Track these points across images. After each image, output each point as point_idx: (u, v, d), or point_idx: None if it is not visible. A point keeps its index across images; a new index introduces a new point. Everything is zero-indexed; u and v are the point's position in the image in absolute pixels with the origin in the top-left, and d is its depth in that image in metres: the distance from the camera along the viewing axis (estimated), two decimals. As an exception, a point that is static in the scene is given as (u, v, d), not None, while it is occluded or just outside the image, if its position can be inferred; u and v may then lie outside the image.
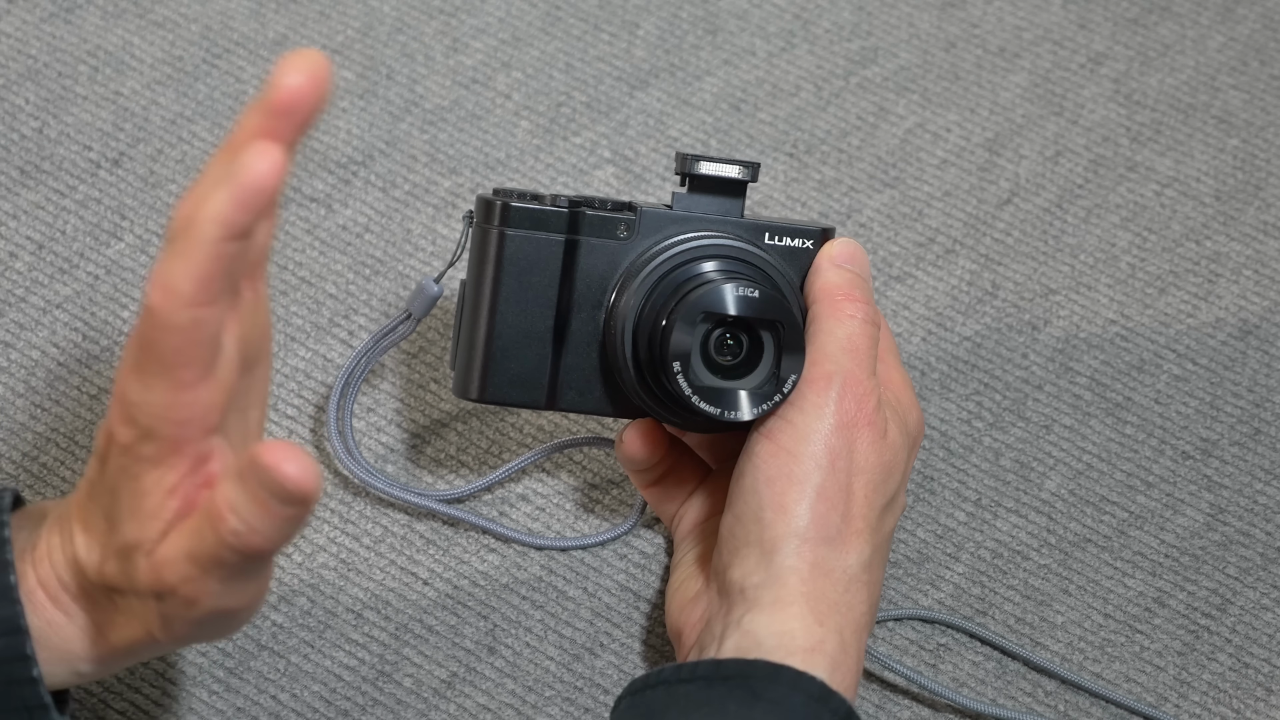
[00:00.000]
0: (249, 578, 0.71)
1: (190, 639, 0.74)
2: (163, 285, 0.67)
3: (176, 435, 0.69)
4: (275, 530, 0.68)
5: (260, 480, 0.66)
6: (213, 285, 0.67)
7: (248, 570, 0.70)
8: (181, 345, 0.67)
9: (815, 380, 0.82)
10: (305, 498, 0.66)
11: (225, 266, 0.67)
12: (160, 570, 0.70)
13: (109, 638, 0.74)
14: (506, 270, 0.85)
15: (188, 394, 0.68)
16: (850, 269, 0.85)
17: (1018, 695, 0.92)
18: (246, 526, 0.67)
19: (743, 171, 0.86)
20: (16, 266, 0.99)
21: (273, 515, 0.67)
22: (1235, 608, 0.95)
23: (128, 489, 0.70)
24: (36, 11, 1.07)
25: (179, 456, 0.69)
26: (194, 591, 0.70)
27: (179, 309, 0.67)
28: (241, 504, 0.67)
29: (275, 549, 0.69)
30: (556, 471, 0.96)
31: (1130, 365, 1.02)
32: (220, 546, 0.68)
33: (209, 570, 0.69)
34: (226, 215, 0.66)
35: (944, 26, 1.13)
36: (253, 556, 0.69)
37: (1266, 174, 1.09)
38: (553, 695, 0.90)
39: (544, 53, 1.09)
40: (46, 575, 0.74)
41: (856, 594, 0.82)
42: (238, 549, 0.68)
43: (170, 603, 0.71)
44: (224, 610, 0.71)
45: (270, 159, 0.66)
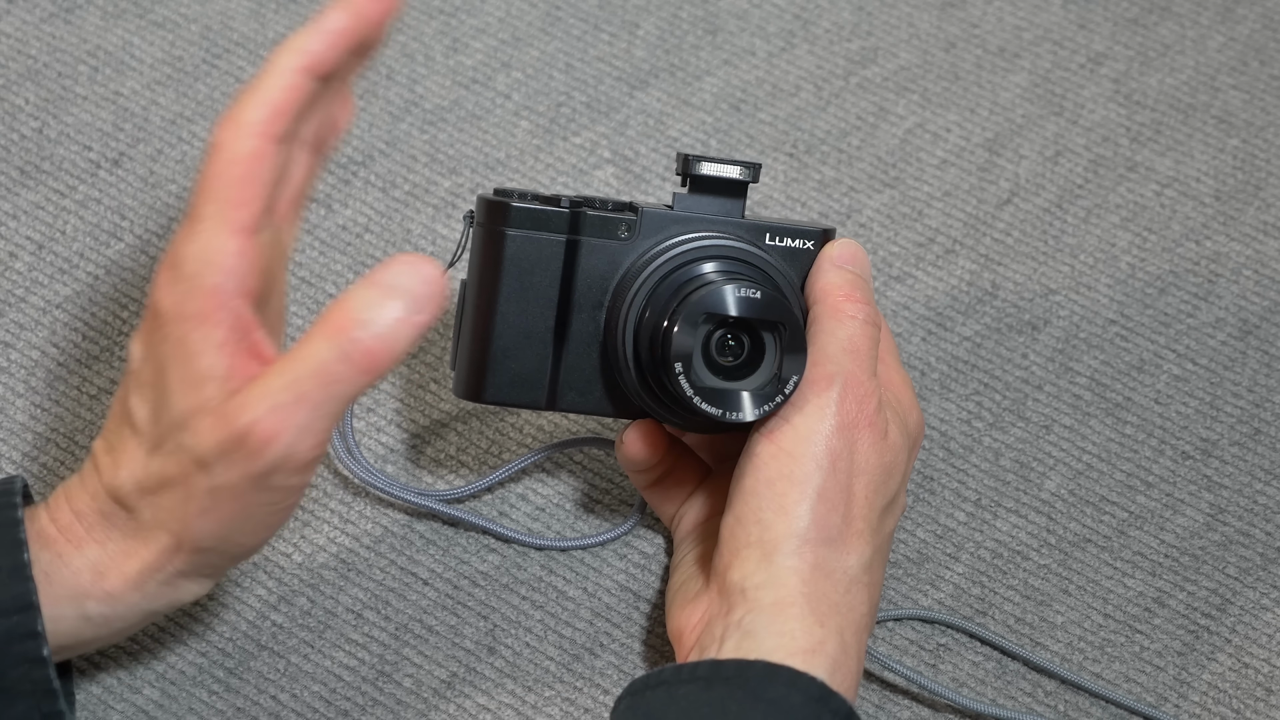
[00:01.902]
0: (336, 408, 0.72)
1: (212, 550, 0.76)
2: (232, 120, 0.72)
3: (219, 285, 0.72)
4: (402, 340, 0.71)
5: (397, 281, 0.71)
6: (277, 120, 0.72)
7: (344, 396, 0.72)
8: (240, 177, 0.71)
9: (816, 381, 0.82)
10: (432, 303, 0.71)
11: (293, 104, 0.72)
12: (236, 414, 0.72)
13: (122, 566, 0.76)
14: (507, 270, 0.85)
15: (236, 240, 0.72)
16: (851, 270, 0.85)
17: (1018, 695, 0.92)
18: (373, 334, 0.71)
19: (744, 172, 0.86)
20: (16, 266, 0.99)
21: (400, 321, 0.71)
22: (1235, 608, 0.95)
23: (177, 356, 0.73)
24: (36, 11, 1.07)
25: (223, 311, 0.72)
26: (275, 426, 0.72)
27: (245, 136, 0.72)
28: (372, 312, 0.71)
29: (390, 365, 0.72)
30: (556, 471, 0.96)
31: (1130, 365, 1.02)
32: (333, 361, 0.71)
33: (308, 394, 0.71)
34: (309, 45, 0.72)
35: (944, 26, 1.13)
36: (368, 368, 0.71)
37: (1266, 174, 1.09)
38: (553, 695, 0.90)
39: (544, 53, 1.09)
40: (60, 512, 0.77)
41: (857, 595, 0.82)
42: (356, 359, 0.71)
43: (233, 460, 0.73)
44: (290, 458, 0.73)
45: (358, 7, 0.73)
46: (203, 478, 0.74)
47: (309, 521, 0.93)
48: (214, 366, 0.73)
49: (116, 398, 0.78)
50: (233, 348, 0.73)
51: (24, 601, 0.75)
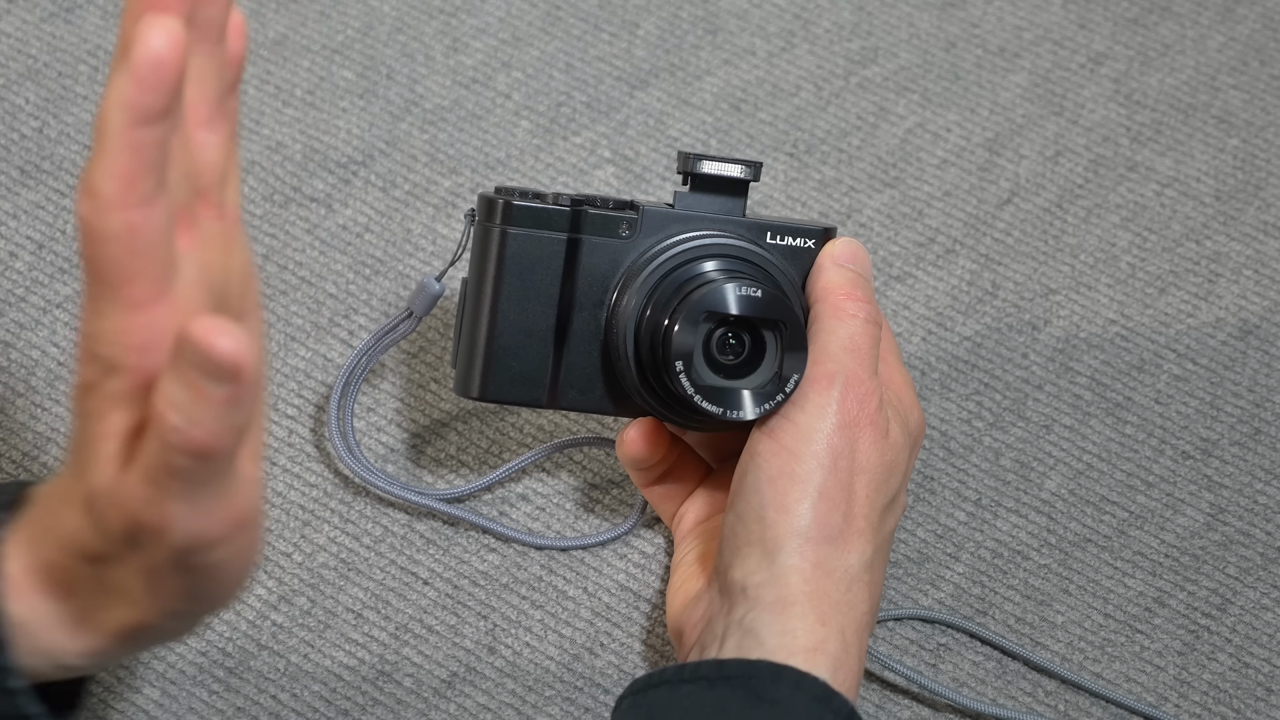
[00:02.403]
0: (212, 490, 0.66)
1: (183, 610, 0.70)
2: (86, 192, 0.63)
3: (137, 364, 0.65)
4: (214, 419, 0.63)
5: (190, 360, 0.62)
6: (136, 183, 0.63)
7: (207, 480, 0.65)
8: (120, 256, 0.63)
9: (817, 380, 0.82)
10: (237, 373, 0.61)
11: (146, 160, 0.63)
12: (123, 507, 0.66)
13: (97, 622, 0.71)
14: (508, 269, 0.85)
15: (141, 315, 0.64)
16: (852, 268, 0.85)
17: (1018, 695, 0.92)
18: (185, 419, 0.62)
19: (745, 171, 0.86)
20: (16, 266, 0.99)
21: (208, 400, 0.62)
22: (1235, 608, 0.95)
23: (93, 433, 0.66)
24: (36, 11, 1.07)
25: (144, 389, 0.65)
26: (158, 516, 0.65)
27: (106, 213, 0.62)
28: (176, 394, 0.62)
29: (221, 446, 0.64)
30: (556, 471, 0.96)
31: (1130, 365, 1.02)
32: (166, 451, 0.64)
33: (164, 485, 0.65)
34: (129, 97, 0.62)
35: (944, 26, 1.13)
36: (200, 455, 0.64)
37: (1266, 174, 1.09)
38: (553, 695, 0.90)
39: (544, 53, 1.09)
40: (30, 561, 0.71)
41: (858, 594, 0.81)
42: (182, 448, 0.63)
43: (145, 546, 0.67)
44: (198, 539, 0.66)
45: (163, 29, 0.61)
46: (132, 559, 0.68)
47: (309, 521, 0.93)
48: (124, 450, 0.66)
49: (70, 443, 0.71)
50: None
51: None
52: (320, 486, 0.95)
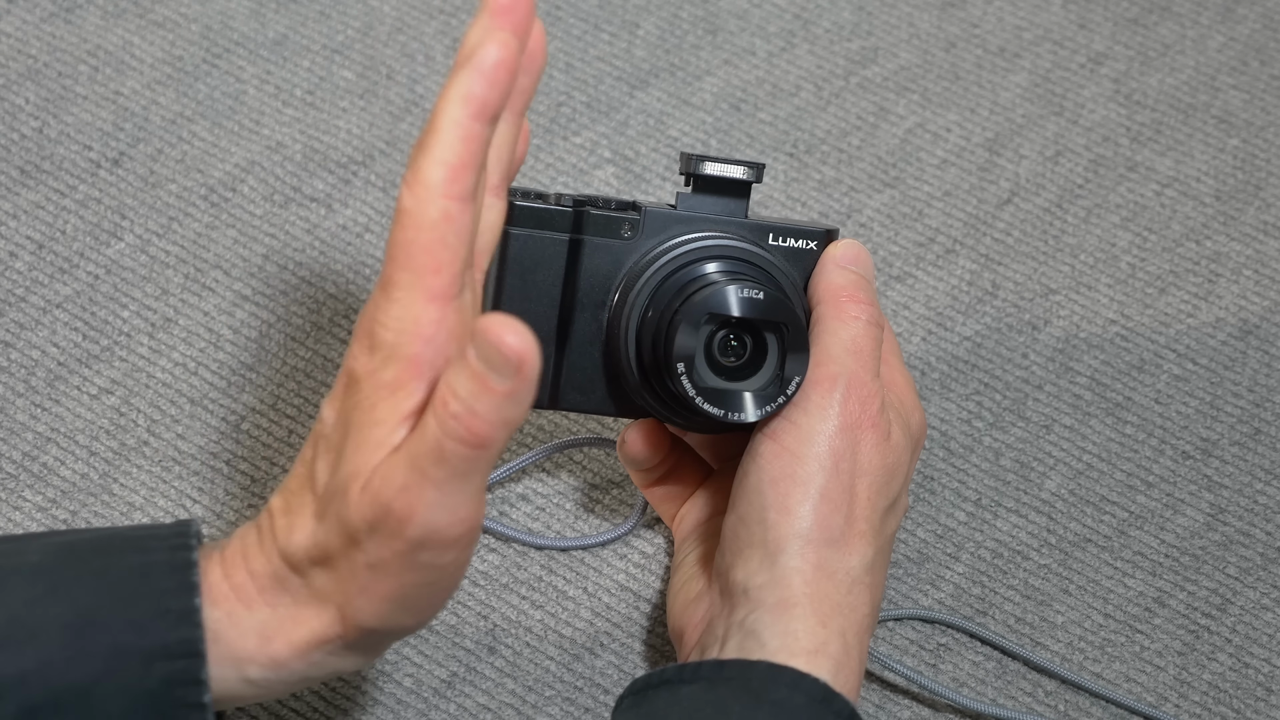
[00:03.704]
0: (464, 487, 0.70)
1: (382, 622, 0.73)
2: (414, 179, 0.69)
3: (417, 355, 0.70)
4: (495, 411, 0.68)
5: (480, 353, 0.67)
6: (461, 175, 0.69)
7: (468, 473, 0.69)
8: (432, 245, 0.69)
9: (819, 381, 0.82)
10: (522, 366, 0.67)
11: (473, 155, 0.69)
12: (376, 491, 0.70)
13: (290, 634, 0.73)
14: (510, 269, 0.85)
15: (432, 307, 0.70)
16: (854, 270, 0.85)
17: (1018, 695, 0.92)
18: (466, 408, 0.68)
19: (747, 172, 0.86)
20: (16, 266, 0.99)
21: (492, 392, 0.67)
22: (1235, 608, 0.95)
23: (361, 421, 0.71)
24: (36, 11, 1.07)
25: (418, 381, 0.70)
26: (408, 504, 0.69)
27: (430, 200, 0.69)
28: (461, 384, 0.68)
29: (494, 438, 0.68)
30: (556, 471, 0.96)
31: (1130, 365, 1.02)
32: (442, 437, 0.68)
33: (427, 472, 0.69)
34: (472, 90, 0.69)
35: (944, 26, 1.13)
36: (475, 444, 0.68)
37: (1266, 174, 1.09)
38: (553, 695, 0.90)
39: (544, 53, 1.09)
40: (234, 569, 0.74)
41: (859, 595, 0.82)
42: (460, 435, 0.68)
43: (380, 536, 0.70)
44: (437, 534, 0.70)
45: (506, 39, 0.69)
46: (358, 553, 0.71)
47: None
48: (389, 438, 0.70)
49: (301, 458, 0.74)
50: (417, 420, 0.71)
51: (192, 648, 0.72)
52: (320, 486, 0.95)
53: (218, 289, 1.00)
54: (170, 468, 0.94)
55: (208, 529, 0.93)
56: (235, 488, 0.94)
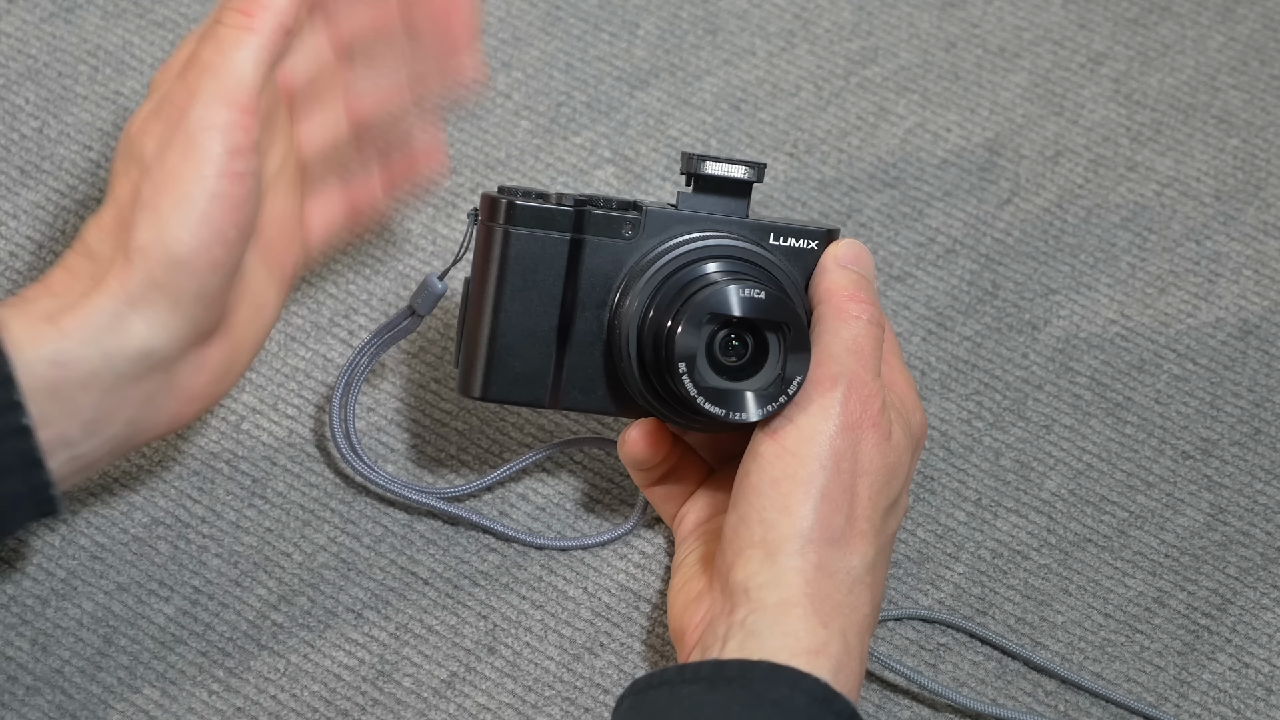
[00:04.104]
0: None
1: (153, 252, 0.78)
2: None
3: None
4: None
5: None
6: None
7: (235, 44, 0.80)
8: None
9: (820, 381, 0.82)
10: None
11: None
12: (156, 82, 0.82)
13: (74, 304, 0.78)
14: (511, 268, 0.85)
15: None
16: (855, 270, 0.85)
17: (1018, 695, 0.92)
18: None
19: (749, 172, 0.86)
20: (16, 266, 0.99)
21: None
22: (1235, 608, 0.95)
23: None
24: (36, 11, 1.07)
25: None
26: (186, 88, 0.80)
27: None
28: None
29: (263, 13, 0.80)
30: (557, 471, 0.96)
31: (1130, 365, 1.02)
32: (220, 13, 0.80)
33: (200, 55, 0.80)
34: None
35: (944, 26, 1.13)
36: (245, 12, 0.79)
37: (1266, 174, 1.09)
38: (553, 695, 0.90)
39: (544, 53, 1.09)
40: (27, 290, 0.80)
41: (860, 595, 0.82)
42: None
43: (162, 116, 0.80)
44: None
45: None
46: (144, 177, 0.79)
47: (309, 521, 0.93)
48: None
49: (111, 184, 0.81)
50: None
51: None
52: (320, 486, 0.95)
53: (218, 289, 1.00)
54: (170, 467, 0.94)
55: (208, 528, 0.93)
56: (236, 487, 0.94)
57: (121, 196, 0.80)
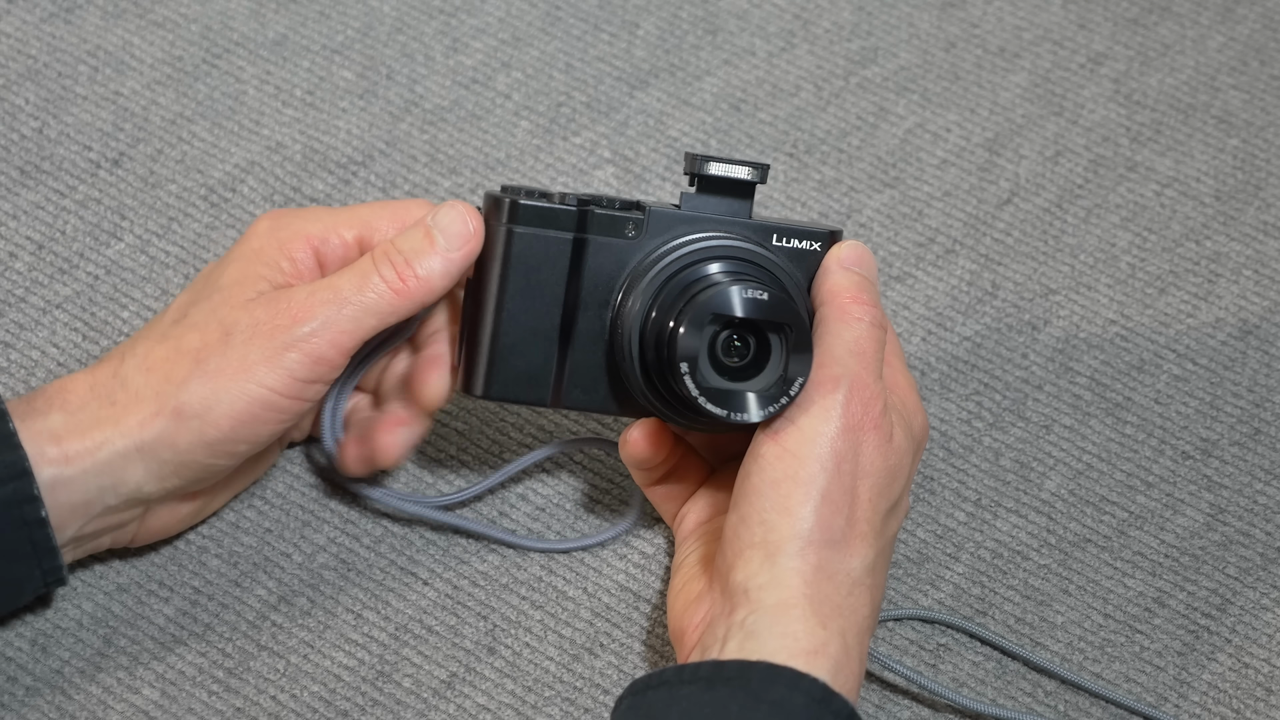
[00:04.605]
0: (357, 326, 0.84)
1: (195, 416, 0.82)
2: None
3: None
4: (427, 267, 0.85)
5: (439, 218, 0.85)
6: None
7: (369, 313, 0.84)
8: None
9: (822, 383, 0.82)
10: (469, 242, 0.85)
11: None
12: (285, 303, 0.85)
13: (85, 431, 0.82)
14: (514, 267, 0.85)
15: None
16: (858, 272, 0.85)
17: (1018, 695, 0.92)
18: (404, 259, 0.85)
19: (752, 173, 0.86)
20: (16, 266, 0.99)
21: (434, 250, 0.85)
22: (1235, 608, 0.95)
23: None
24: (36, 11, 1.07)
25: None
26: (309, 308, 0.84)
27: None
28: (409, 240, 0.85)
29: (414, 294, 0.85)
30: (556, 471, 0.96)
31: (1130, 365, 1.02)
32: (373, 271, 0.85)
33: (346, 296, 0.84)
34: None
35: (944, 26, 1.13)
36: (397, 291, 0.85)
37: (1266, 174, 1.09)
38: (553, 695, 0.90)
39: (544, 53, 1.09)
40: (44, 390, 0.84)
41: (860, 597, 0.81)
42: (388, 279, 0.84)
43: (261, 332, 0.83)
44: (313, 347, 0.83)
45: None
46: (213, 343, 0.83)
47: (309, 521, 0.93)
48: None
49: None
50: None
51: (18, 469, 0.80)
52: (320, 487, 0.95)
53: (218, 289, 1.00)
54: (170, 468, 0.94)
55: (207, 528, 0.93)
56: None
57: (186, 345, 0.83)
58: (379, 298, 0.84)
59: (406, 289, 0.84)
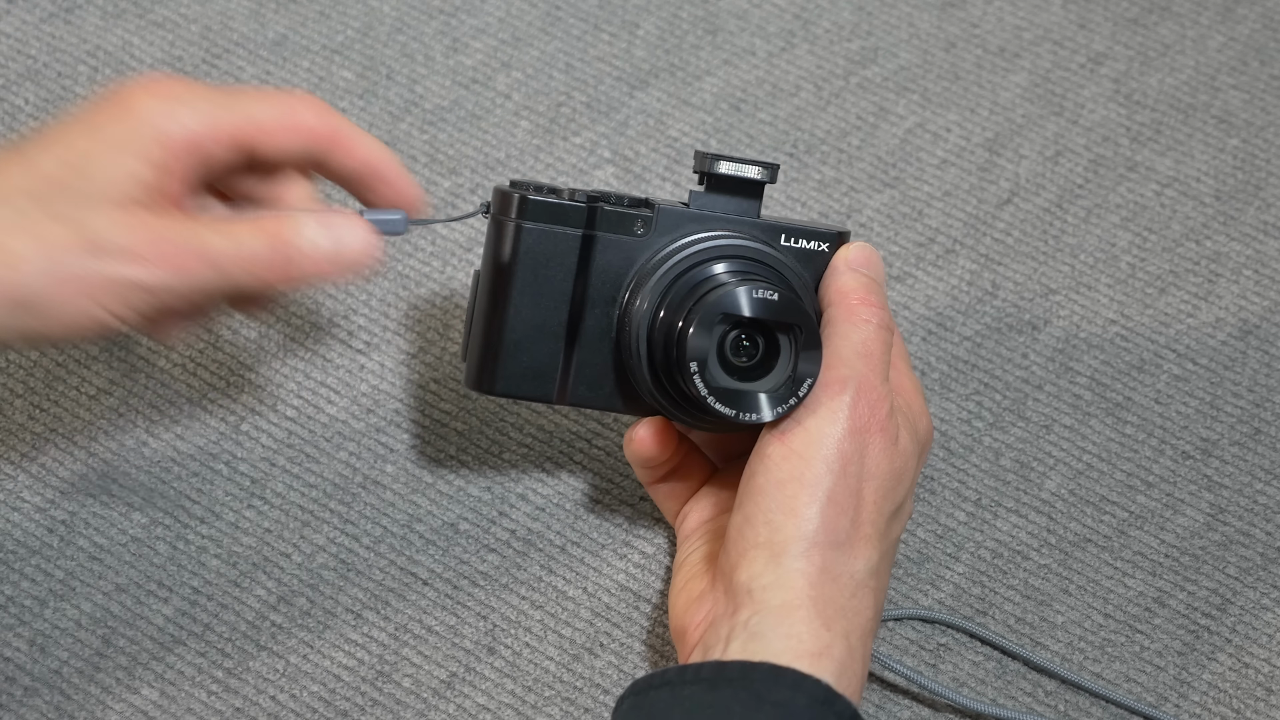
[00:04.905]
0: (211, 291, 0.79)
1: None
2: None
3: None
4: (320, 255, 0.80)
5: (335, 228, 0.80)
6: None
7: (234, 283, 0.79)
8: None
9: (829, 384, 0.82)
10: (366, 255, 0.81)
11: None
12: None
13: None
14: (522, 263, 0.85)
15: None
16: (866, 273, 0.85)
17: (1018, 695, 0.92)
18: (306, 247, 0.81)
19: (762, 173, 0.86)
20: (16, 266, 0.99)
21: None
22: (1235, 608, 0.95)
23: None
24: (36, 11, 1.07)
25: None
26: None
27: None
28: (310, 228, 0.80)
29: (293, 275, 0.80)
30: (557, 471, 0.96)
31: (1130, 365, 1.02)
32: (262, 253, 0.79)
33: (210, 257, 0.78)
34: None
35: (944, 26, 1.13)
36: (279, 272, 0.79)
37: (1266, 174, 1.09)
38: (553, 695, 0.90)
39: (544, 53, 1.09)
40: None
41: (863, 599, 0.81)
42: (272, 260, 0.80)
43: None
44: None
45: None
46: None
47: (308, 522, 0.93)
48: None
49: None
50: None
51: None
52: (319, 487, 0.95)
53: (217, 289, 1.00)
54: (169, 468, 0.94)
55: (206, 529, 0.93)
56: (235, 488, 0.94)
57: (49, 237, 0.76)
58: (252, 279, 0.79)
59: (284, 281, 0.80)
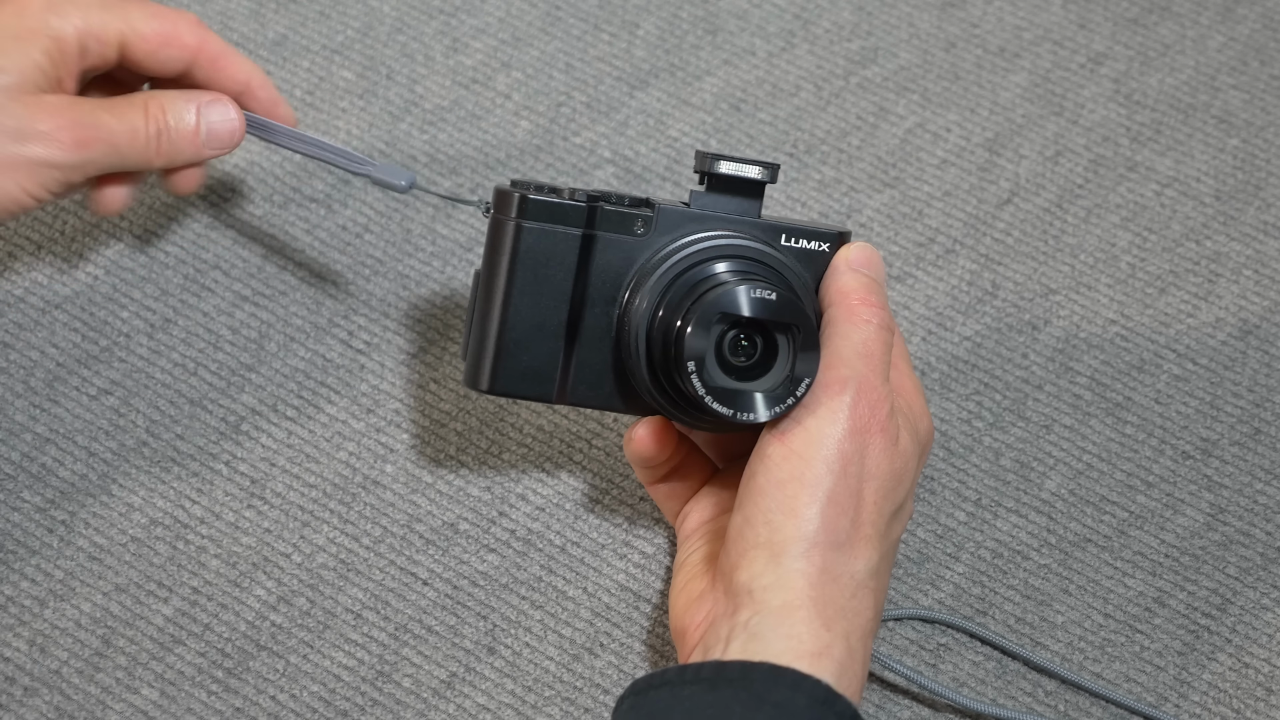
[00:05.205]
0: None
1: None
2: None
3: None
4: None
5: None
6: None
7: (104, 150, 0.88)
8: None
9: (829, 384, 0.82)
10: (235, 136, 0.92)
11: None
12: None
13: None
14: (522, 262, 0.85)
15: None
16: (867, 274, 0.85)
17: (1018, 695, 0.92)
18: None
19: (762, 172, 0.86)
20: (16, 267, 0.99)
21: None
22: (1235, 608, 0.95)
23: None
24: (36, 11, 1.07)
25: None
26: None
27: None
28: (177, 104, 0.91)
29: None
30: (556, 471, 0.96)
31: (1130, 365, 1.02)
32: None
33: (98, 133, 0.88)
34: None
35: (944, 26, 1.13)
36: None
37: (1266, 174, 1.09)
38: (553, 695, 0.90)
39: (544, 53, 1.09)
40: None
41: (864, 600, 0.81)
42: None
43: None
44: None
45: None
46: None
47: (308, 522, 0.93)
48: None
49: None
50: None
51: None
52: (320, 487, 0.95)
53: (217, 289, 1.00)
54: (169, 468, 0.94)
55: (206, 529, 0.93)
56: (235, 488, 0.94)
57: None
58: (139, 157, 0.90)
59: (160, 157, 0.90)
